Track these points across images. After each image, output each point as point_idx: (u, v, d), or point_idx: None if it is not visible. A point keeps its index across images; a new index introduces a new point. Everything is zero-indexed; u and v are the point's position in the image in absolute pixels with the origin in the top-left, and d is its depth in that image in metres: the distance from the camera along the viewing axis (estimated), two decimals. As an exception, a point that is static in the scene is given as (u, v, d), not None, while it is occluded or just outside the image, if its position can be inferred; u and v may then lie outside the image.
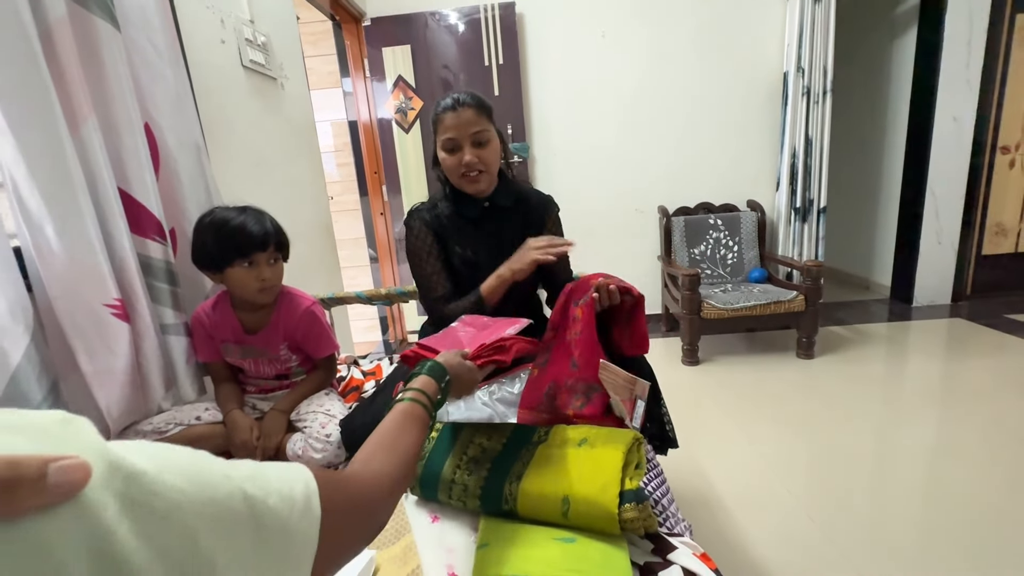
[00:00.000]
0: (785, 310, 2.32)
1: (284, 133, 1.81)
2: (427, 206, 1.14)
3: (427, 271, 1.13)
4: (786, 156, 2.73)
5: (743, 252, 2.78)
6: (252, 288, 1.02)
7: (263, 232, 1.02)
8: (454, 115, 1.01)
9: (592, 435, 0.76)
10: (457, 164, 1.04)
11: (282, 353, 1.13)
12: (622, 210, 2.98)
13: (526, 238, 1.16)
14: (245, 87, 1.58)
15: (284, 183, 1.79)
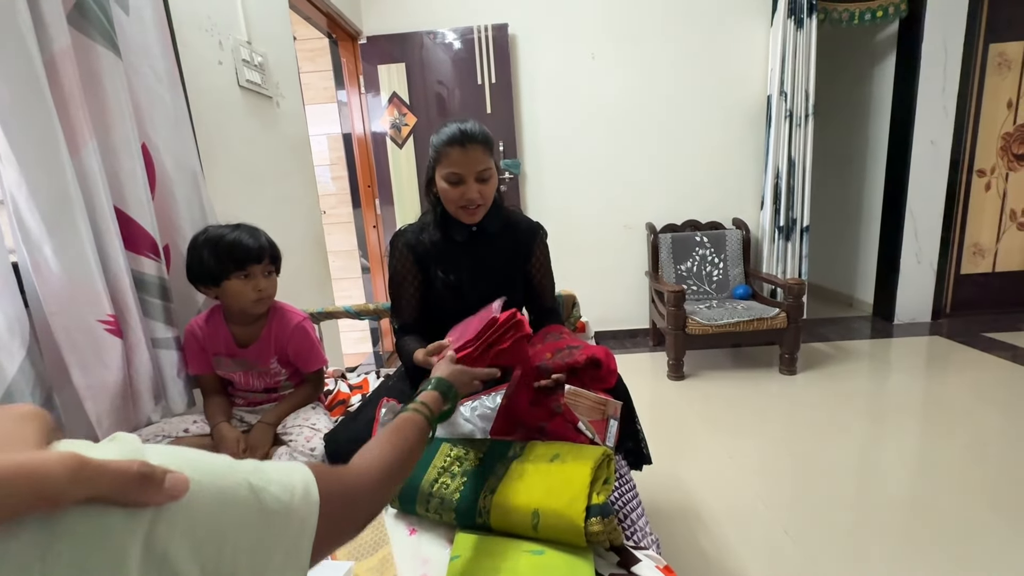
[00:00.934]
0: (768, 327, 2.37)
1: (279, 150, 1.84)
2: (414, 229, 1.15)
3: (400, 295, 1.14)
4: (770, 176, 2.79)
5: (728, 269, 2.82)
6: (249, 299, 1.05)
7: (258, 246, 1.05)
8: (462, 152, 1.02)
9: (564, 451, 0.80)
10: (459, 197, 1.05)
11: (272, 366, 1.15)
12: (611, 226, 3.02)
13: (513, 264, 1.20)
14: (241, 107, 1.61)
15: (277, 199, 1.81)
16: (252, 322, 1.13)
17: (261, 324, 1.14)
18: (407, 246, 1.14)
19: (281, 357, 1.15)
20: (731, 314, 2.40)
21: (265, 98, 1.75)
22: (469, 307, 1.14)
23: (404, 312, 1.15)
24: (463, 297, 1.14)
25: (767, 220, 2.84)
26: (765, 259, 2.86)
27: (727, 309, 2.49)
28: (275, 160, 1.81)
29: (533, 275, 1.22)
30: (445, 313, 1.17)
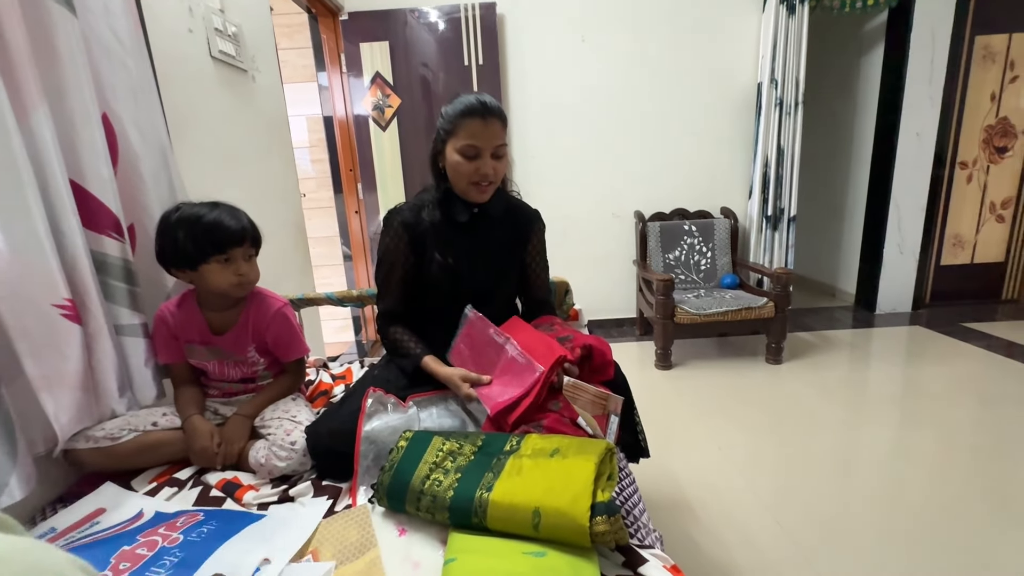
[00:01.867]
0: (755, 316, 2.37)
1: (255, 128, 1.76)
2: (411, 206, 1.11)
3: (389, 279, 1.11)
4: (759, 165, 2.78)
5: (716, 258, 2.82)
6: (229, 283, 1.00)
7: (240, 227, 1.00)
8: (483, 124, 1.00)
9: (564, 445, 0.75)
10: (472, 172, 1.03)
11: (250, 355, 1.10)
12: (599, 214, 2.99)
13: (510, 250, 1.17)
14: (214, 79, 1.52)
15: (255, 180, 1.74)
16: (229, 308, 1.08)
17: (238, 310, 1.09)
18: (404, 225, 1.09)
19: (259, 345, 1.11)
20: (719, 303, 2.39)
21: (239, 71, 1.66)
22: (462, 295, 1.12)
23: (390, 297, 1.13)
24: (459, 282, 1.11)
25: (755, 209, 2.83)
26: (752, 248, 2.86)
27: (715, 298, 2.49)
28: (251, 138, 1.73)
29: (529, 263, 1.19)
30: (437, 299, 1.12)
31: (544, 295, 1.22)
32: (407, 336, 1.11)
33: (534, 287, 1.21)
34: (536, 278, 1.20)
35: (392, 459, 0.83)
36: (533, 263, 1.20)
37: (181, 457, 1.00)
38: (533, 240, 1.19)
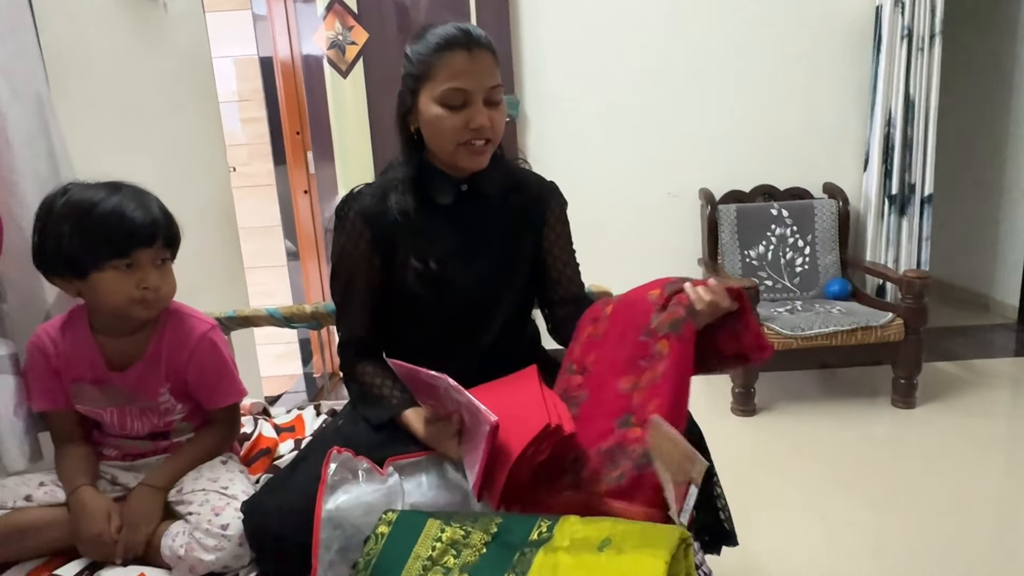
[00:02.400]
0: (876, 339, 2.36)
1: (166, 74, 1.78)
2: (374, 191, 1.12)
3: (349, 295, 1.13)
4: (878, 123, 2.77)
5: (817, 256, 2.81)
6: (131, 299, 1.00)
7: (149, 220, 1.00)
8: (468, 58, 1.01)
9: (618, 533, 0.75)
10: (462, 126, 1.04)
11: (162, 400, 1.10)
12: (647, 194, 2.99)
13: (517, 240, 1.16)
14: (109, 8, 1.54)
15: (164, 146, 1.75)
16: (133, 332, 1.08)
17: (147, 336, 1.09)
18: (363, 217, 1.10)
19: (176, 386, 1.11)
20: (824, 320, 2.39)
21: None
22: (451, 313, 1.12)
23: (352, 320, 1.14)
24: (446, 294, 1.12)
25: (873, 186, 2.82)
26: (870, 242, 2.85)
27: (817, 314, 2.48)
28: (160, 89, 1.75)
29: (548, 254, 1.20)
30: (417, 321, 1.13)
31: (577, 290, 1.23)
32: (380, 376, 1.11)
33: (561, 284, 1.21)
34: (563, 272, 1.21)
35: (369, 552, 0.83)
36: (555, 253, 1.21)
37: (65, 546, 1.00)
38: (550, 221, 1.20)
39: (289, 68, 2.92)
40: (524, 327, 1.25)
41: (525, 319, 1.25)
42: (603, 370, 0.97)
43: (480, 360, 1.14)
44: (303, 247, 3.08)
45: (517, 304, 1.19)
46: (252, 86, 3.06)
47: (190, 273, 1.73)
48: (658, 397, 0.88)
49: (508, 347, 1.18)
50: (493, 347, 1.15)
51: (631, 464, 0.85)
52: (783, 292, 2.80)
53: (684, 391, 0.89)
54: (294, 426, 1.39)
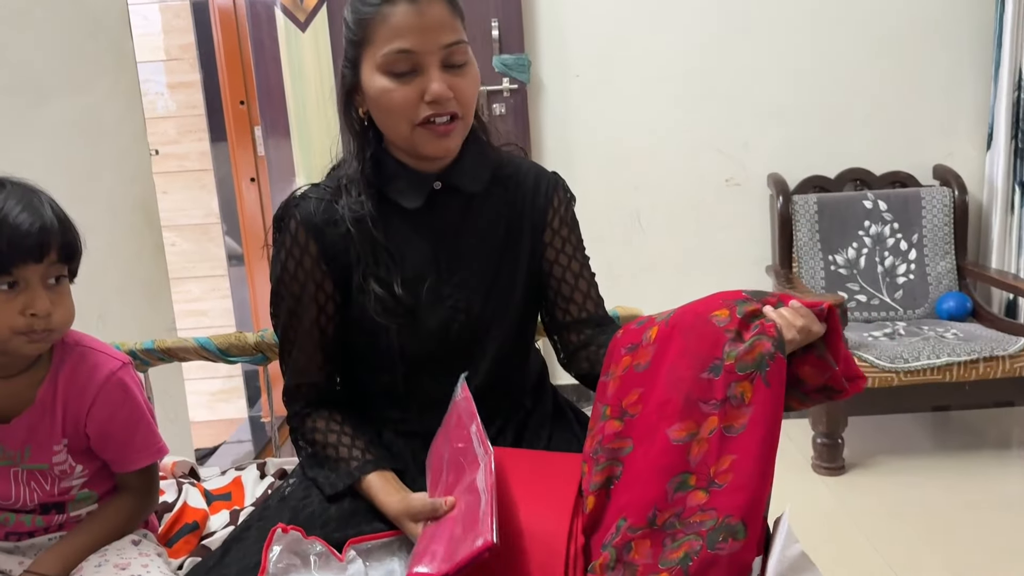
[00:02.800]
0: (1005, 372, 2.35)
1: (67, 30, 1.79)
2: (320, 194, 1.14)
3: (292, 327, 1.14)
4: (1004, 87, 2.77)
5: (926, 263, 2.80)
6: (13, 330, 1.00)
7: (38, 227, 1.00)
8: (412, 9, 1.02)
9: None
10: (415, 99, 1.04)
11: (57, 460, 1.10)
12: (698, 183, 2.99)
13: (511, 249, 1.16)
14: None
15: (62, 126, 1.76)
16: (18, 373, 1.08)
17: (37, 377, 1.09)
18: (307, 227, 1.11)
19: (75, 441, 1.11)
20: (934, 349, 2.38)
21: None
22: (423, 349, 1.13)
23: (300, 361, 1.15)
24: (417, 326, 1.12)
25: (999, 170, 2.81)
26: (996, 244, 2.84)
27: (926, 339, 2.47)
28: (61, 50, 1.77)
29: (554, 262, 1.20)
30: (378, 361, 1.13)
31: (595, 308, 1.21)
32: (336, 431, 1.12)
33: (573, 302, 1.20)
34: (574, 286, 1.20)
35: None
36: (562, 262, 1.20)
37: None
38: (553, 223, 1.20)
39: (231, 17, 2.95)
40: (525, 361, 1.24)
41: (526, 350, 1.25)
42: (650, 413, 0.96)
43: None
44: (250, 248, 3.09)
45: (514, 332, 1.19)
46: (182, 41, 3.08)
47: (94, 288, 1.74)
48: (738, 454, 0.88)
49: (504, 388, 1.17)
50: (485, 390, 1.14)
51: (700, 542, 0.84)
52: (880, 310, 2.78)
53: (772, 452, 0.90)
54: (230, 492, 1.37)
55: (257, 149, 3.00)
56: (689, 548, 0.84)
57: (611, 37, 2.92)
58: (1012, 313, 2.83)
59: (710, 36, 2.92)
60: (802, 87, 2.94)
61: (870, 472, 2.47)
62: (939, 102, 2.94)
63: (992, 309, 2.79)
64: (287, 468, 1.46)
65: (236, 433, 3.03)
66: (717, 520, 0.85)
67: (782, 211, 2.85)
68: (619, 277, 2.94)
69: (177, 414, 2.13)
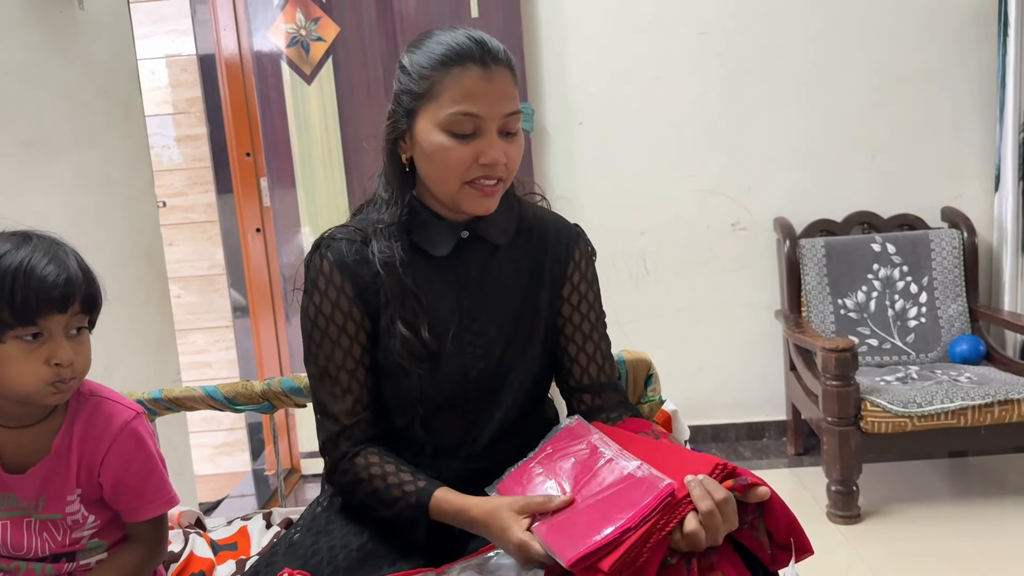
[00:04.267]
0: (1021, 416, 2.34)
1: (79, 87, 1.84)
2: (350, 235, 1.16)
3: (330, 370, 1.14)
4: (1009, 128, 2.79)
5: (938, 306, 2.81)
6: (38, 381, 1.02)
7: (64, 278, 1.02)
8: (483, 76, 1.05)
9: None
10: (470, 160, 1.07)
11: (70, 510, 1.10)
12: (704, 227, 3.02)
13: (532, 301, 1.19)
14: (10, 8, 1.61)
15: (76, 177, 1.80)
16: (35, 422, 1.09)
17: (54, 426, 1.10)
18: (343, 268, 1.14)
19: (89, 490, 1.11)
20: (948, 393, 2.37)
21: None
22: (444, 394, 1.14)
23: (344, 402, 1.14)
24: (438, 372, 1.14)
25: (1008, 211, 2.83)
26: (1008, 285, 2.85)
27: (939, 383, 2.46)
28: (71, 107, 1.80)
29: (568, 320, 1.23)
30: (398, 401, 1.15)
31: (608, 376, 1.23)
32: (391, 465, 1.09)
33: (584, 364, 1.22)
34: (586, 347, 1.22)
35: None
36: (575, 321, 1.23)
37: None
38: (573, 279, 1.23)
39: (237, 70, 2.99)
40: (540, 410, 1.27)
41: (541, 400, 1.27)
42: None
43: (481, 454, 1.16)
44: (255, 300, 3.09)
45: (530, 382, 1.21)
46: (189, 95, 3.13)
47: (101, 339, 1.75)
48: None
49: (519, 438, 1.18)
50: (499, 437, 1.17)
51: None
52: (892, 354, 2.78)
53: None
54: (236, 542, 1.39)
55: (263, 200, 3.02)
56: None
57: (614, 85, 2.97)
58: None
59: (713, 82, 2.97)
60: (806, 131, 2.98)
61: (887, 520, 2.44)
62: (945, 144, 2.97)
63: (1006, 352, 2.79)
64: (293, 518, 1.47)
65: (239, 487, 3.00)
66: None
67: (789, 255, 2.87)
68: (626, 323, 2.95)
69: (182, 466, 2.13)
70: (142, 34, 2.97)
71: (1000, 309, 2.85)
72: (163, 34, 3.18)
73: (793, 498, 2.58)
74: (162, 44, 3.19)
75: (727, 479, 0.90)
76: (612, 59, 2.97)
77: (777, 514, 0.93)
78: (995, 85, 2.88)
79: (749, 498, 0.89)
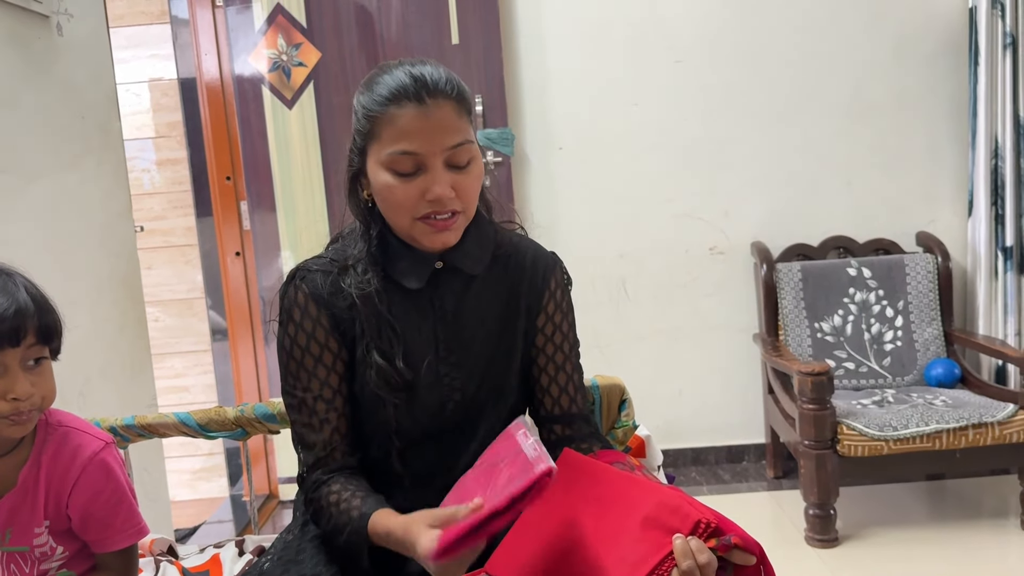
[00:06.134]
0: (995, 439, 2.36)
1: (56, 112, 1.85)
2: (323, 266, 1.16)
3: (307, 402, 1.14)
4: (981, 154, 2.83)
5: (913, 329, 2.83)
6: None
7: (13, 310, 1.00)
8: (419, 113, 1.05)
9: None
10: (416, 197, 1.07)
11: (39, 542, 1.09)
12: (683, 252, 3.05)
13: (508, 330, 1.19)
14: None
15: (52, 202, 1.81)
16: (1, 455, 1.08)
17: (20, 458, 1.09)
18: (318, 300, 1.14)
19: (57, 521, 1.11)
20: (923, 416, 2.39)
21: (35, 17, 1.77)
22: (419, 425, 1.14)
23: (322, 433, 1.14)
24: (414, 404, 1.14)
25: (981, 236, 2.86)
26: (983, 309, 2.87)
27: (915, 407, 2.48)
28: (50, 131, 1.81)
29: (543, 350, 1.22)
30: (374, 433, 1.15)
31: (579, 408, 1.23)
32: (347, 489, 1.10)
33: (556, 395, 1.21)
34: (558, 378, 1.22)
35: None
36: (548, 352, 1.22)
37: None
38: (548, 308, 1.22)
39: (218, 94, 3.00)
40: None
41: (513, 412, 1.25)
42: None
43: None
44: (234, 324, 3.08)
45: (507, 413, 1.20)
46: (170, 119, 3.14)
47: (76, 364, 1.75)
48: None
49: None
50: (471, 442, 1.17)
51: None
52: (868, 378, 2.80)
53: None
54: (208, 571, 1.38)
55: (243, 223, 3.02)
56: None
57: (594, 111, 3.01)
58: (1001, 379, 2.85)
59: (690, 108, 3.00)
60: (783, 157, 3.02)
61: (865, 544, 2.46)
62: (919, 170, 3.01)
63: (981, 375, 2.81)
64: (265, 545, 1.46)
65: (217, 513, 2.98)
66: None
67: (766, 279, 2.89)
68: (606, 346, 2.97)
69: (157, 492, 2.12)
70: (123, 58, 2.98)
71: (975, 333, 2.88)
72: (145, 58, 3.19)
73: (772, 522, 2.60)
74: (144, 68, 3.20)
75: (711, 538, 0.90)
76: (592, 85, 3.00)
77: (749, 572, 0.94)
78: (967, 112, 2.92)
79: (732, 559, 0.91)
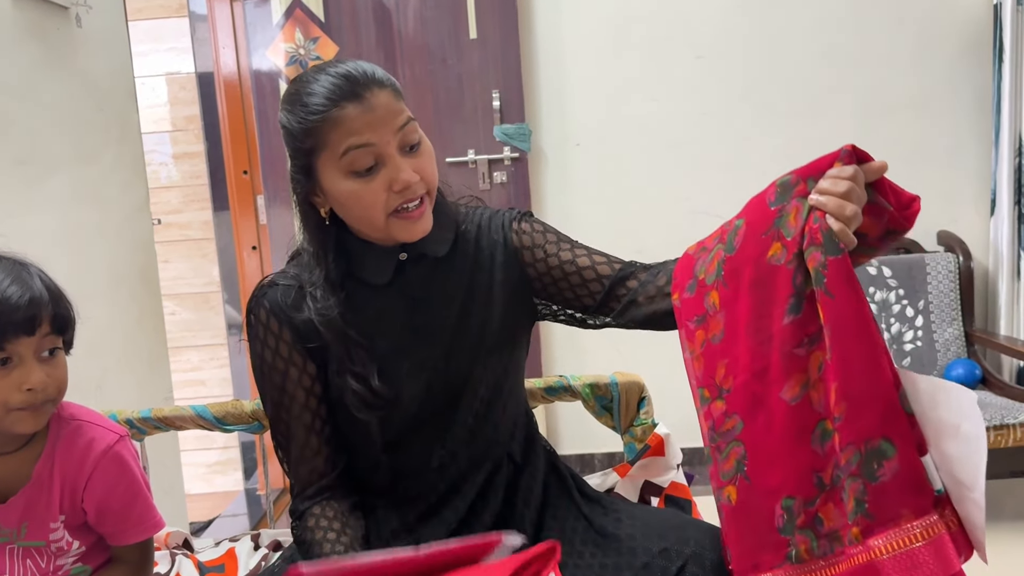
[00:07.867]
0: (1017, 441, 2.34)
1: (75, 104, 1.85)
2: (286, 280, 1.15)
3: (281, 421, 1.14)
4: (1005, 152, 2.80)
5: (933, 330, 2.81)
6: (10, 406, 1.01)
7: (28, 299, 1.01)
8: (363, 108, 1.04)
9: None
10: (384, 193, 1.06)
11: (54, 537, 1.10)
12: (704, 247, 3.04)
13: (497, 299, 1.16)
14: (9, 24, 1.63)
15: (70, 195, 1.81)
16: (14, 449, 1.09)
17: (35, 453, 1.09)
18: (279, 315, 1.13)
19: (72, 516, 1.11)
20: (943, 418, 2.37)
21: (52, 8, 1.78)
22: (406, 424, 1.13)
23: (301, 455, 1.14)
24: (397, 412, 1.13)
25: (1004, 235, 2.83)
26: (1005, 310, 2.85)
27: (935, 408, 2.47)
28: (67, 124, 1.82)
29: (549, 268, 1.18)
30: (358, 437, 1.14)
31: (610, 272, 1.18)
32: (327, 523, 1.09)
33: (593, 276, 1.18)
34: (579, 263, 1.18)
35: None
36: (554, 263, 1.19)
37: None
38: (523, 241, 1.20)
39: (235, 88, 3.01)
40: (506, 408, 1.22)
41: (507, 396, 1.23)
42: (748, 383, 0.96)
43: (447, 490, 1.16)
44: (250, 320, 3.09)
45: (493, 380, 1.19)
46: (187, 112, 3.15)
47: (93, 357, 1.76)
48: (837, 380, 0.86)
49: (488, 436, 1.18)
50: (468, 438, 1.16)
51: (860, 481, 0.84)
52: (887, 378, 2.80)
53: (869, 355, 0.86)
54: (223, 564, 1.38)
55: (259, 217, 3.04)
56: (855, 491, 0.85)
57: (611, 107, 2.99)
58: (1023, 380, 2.82)
59: (709, 105, 2.99)
60: (802, 155, 2.86)
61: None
62: (941, 169, 2.98)
63: (1002, 376, 2.79)
64: (281, 539, 1.46)
65: (231, 507, 3.00)
66: (860, 453, 0.84)
67: (787, 278, 2.87)
68: (620, 342, 2.94)
69: (173, 486, 2.12)
70: (142, 52, 2.99)
71: (996, 333, 2.85)
72: (163, 52, 3.19)
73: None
74: (162, 62, 3.20)
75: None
76: (610, 81, 2.99)
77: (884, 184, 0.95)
78: (990, 110, 2.89)
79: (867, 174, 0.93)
